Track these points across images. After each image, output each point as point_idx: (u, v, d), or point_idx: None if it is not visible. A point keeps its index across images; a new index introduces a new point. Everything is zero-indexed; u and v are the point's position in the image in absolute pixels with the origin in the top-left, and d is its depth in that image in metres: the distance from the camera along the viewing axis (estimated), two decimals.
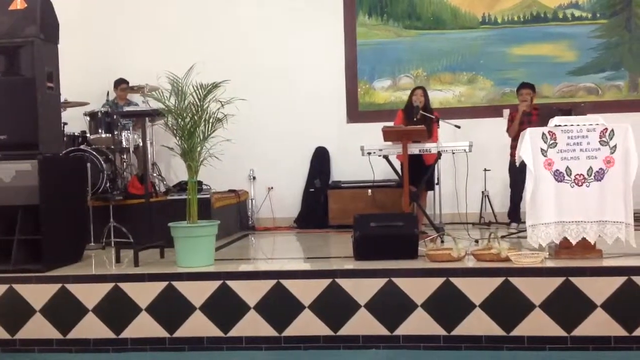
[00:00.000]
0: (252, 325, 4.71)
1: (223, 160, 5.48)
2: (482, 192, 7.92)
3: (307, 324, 4.67)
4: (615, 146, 4.86)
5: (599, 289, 4.48)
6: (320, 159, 8.55)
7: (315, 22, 8.49)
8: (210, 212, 6.71)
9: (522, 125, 7.06)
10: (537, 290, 4.52)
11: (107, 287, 4.83)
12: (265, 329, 4.70)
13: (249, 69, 8.30)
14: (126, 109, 7.39)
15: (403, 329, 4.62)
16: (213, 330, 4.73)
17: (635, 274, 4.47)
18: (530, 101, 7.18)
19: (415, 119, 6.84)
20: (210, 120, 5.23)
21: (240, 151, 7.60)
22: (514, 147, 7.29)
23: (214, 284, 4.77)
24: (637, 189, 4.94)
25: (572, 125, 4.95)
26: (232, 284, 4.76)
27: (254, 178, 8.56)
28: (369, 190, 7.85)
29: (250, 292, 4.74)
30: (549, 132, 4.95)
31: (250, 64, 8.39)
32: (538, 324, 4.49)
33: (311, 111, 8.43)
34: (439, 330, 4.59)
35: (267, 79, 8.40)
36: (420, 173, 6.64)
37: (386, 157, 6.66)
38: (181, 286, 4.78)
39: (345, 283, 4.70)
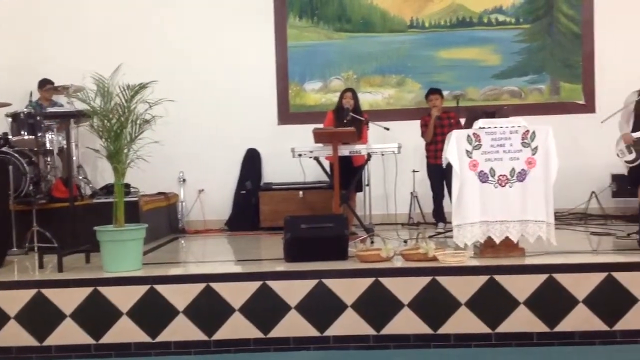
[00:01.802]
0: (181, 329, 4.65)
1: (152, 163, 5.40)
2: (411, 193, 8.04)
3: (237, 327, 4.65)
4: (536, 148, 5.03)
5: (521, 287, 4.62)
6: (252, 161, 8.51)
7: (245, 24, 8.45)
8: (138, 216, 6.58)
9: (437, 129, 7.28)
10: (462, 288, 4.63)
11: (30, 293, 4.69)
12: (194, 334, 4.65)
13: (178, 70, 8.18)
14: (50, 110, 7.18)
15: (333, 330, 4.65)
16: (141, 336, 4.65)
17: (556, 272, 4.63)
18: (438, 106, 7.44)
19: (345, 121, 6.90)
20: (138, 122, 5.15)
21: (170, 153, 7.48)
22: (430, 151, 7.53)
23: (142, 289, 4.69)
24: (557, 189, 5.11)
25: (495, 127, 5.09)
26: (160, 288, 4.69)
27: (184, 180, 8.46)
28: (300, 192, 7.88)
29: (180, 296, 4.69)
30: (474, 134, 5.07)
31: (179, 64, 8.27)
32: (464, 321, 4.60)
33: (242, 113, 8.37)
34: (369, 330, 4.64)
35: (197, 80, 8.30)
36: (350, 174, 6.70)
37: (317, 159, 6.69)
38: (107, 291, 4.69)
39: (275, 285, 4.70)
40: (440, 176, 7.36)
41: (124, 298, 4.68)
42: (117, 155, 5.09)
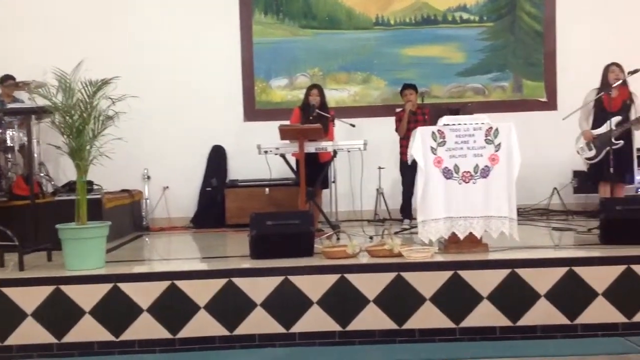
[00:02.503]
0: (145, 328, 4.60)
1: (115, 160, 5.33)
2: (377, 189, 8.09)
3: (202, 325, 4.62)
4: (499, 144, 5.09)
5: (485, 282, 4.68)
6: (217, 158, 8.47)
7: (211, 19, 8.39)
8: (101, 213, 6.49)
9: (410, 124, 7.29)
10: (427, 284, 4.67)
11: None
12: (159, 332, 4.61)
13: (142, 65, 8.08)
14: (11, 106, 7.05)
15: (299, 326, 4.65)
16: (104, 335, 4.59)
17: (518, 267, 4.70)
18: (413, 101, 7.44)
19: (311, 118, 6.91)
20: (100, 118, 5.08)
21: (134, 150, 7.42)
22: (403, 146, 7.53)
23: (105, 287, 4.63)
24: (519, 185, 5.18)
25: (459, 124, 5.14)
26: (124, 286, 4.64)
27: (149, 177, 8.37)
28: (266, 189, 7.86)
29: (143, 295, 4.64)
30: (439, 130, 5.12)
31: (143, 60, 8.17)
32: (428, 316, 4.64)
33: (207, 109, 8.32)
34: (334, 326, 4.65)
35: (161, 76, 8.21)
36: (316, 171, 6.71)
37: (282, 156, 6.69)
38: (70, 290, 4.62)
39: (241, 282, 4.69)
40: (412, 173, 7.38)
41: (86, 296, 4.62)
42: (80, 152, 5.02)
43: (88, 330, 4.59)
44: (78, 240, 4.89)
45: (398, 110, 7.62)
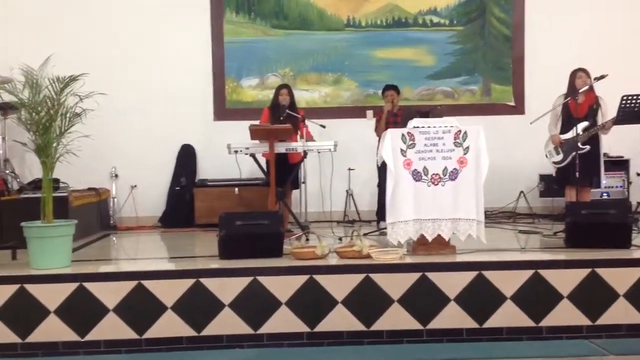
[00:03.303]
0: (111, 328, 4.56)
1: (82, 157, 5.28)
2: (347, 190, 8.11)
3: (169, 325, 4.59)
4: (468, 147, 5.14)
5: (452, 284, 4.72)
6: (187, 157, 8.40)
7: (182, 18, 8.31)
8: (67, 211, 6.39)
9: (389, 125, 7.29)
10: (395, 285, 4.70)
11: None
12: (125, 332, 4.56)
13: (111, 62, 8.00)
14: None
15: (267, 327, 4.64)
16: (69, 335, 4.54)
17: (485, 269, 4.75)
18: (395, 102, 7.43)
19: (281, 118, 6.89)
20: (68, 115, 5.02)
21: (102, 148, 7.33)
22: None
23: (71, 286, 4.58)
24: (487, 188, 5.24)
25: (429, 127, 5.18)
26: (89, 285, 4.59)
27: (116, 176, 8.27)
28: (236, 189, 7.82)
29: (110, 294, 4.60)
30: (408, 133, 5.15)
31: (112, 57, 8.08)
32: (396, 318, 4.67)
33: (177, 108, 8.24)
34: (303, 327, 4.65)
35: (130, 74, 8.12)
36: (286, 172, 6.70)
37: (253, 156, 6.66)
38: (34, 289, 4.55)
39: (209, 283, 4.66)
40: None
41: (51, 296, 4.56)
42: (46, 149, 4.95)
43: (53, 330, 4.53)
44: (43, 238, 4.83)
45: (376, 110, 7.62)
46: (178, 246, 6.52)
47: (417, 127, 5.17)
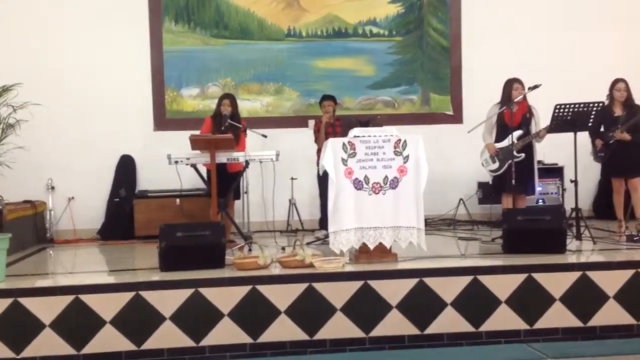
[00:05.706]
0: (48, 344, 4.45)
1: (16, 169, 5.18)
2: (289, 200, 8.11)
3: (108, 340, 4.51)
4: (408, 156, 5.21)
5: (394, 291, 4.77)
6: (126, 168, 8.26)
7: (119, 26, 8.18)
8: (1, 225, 6.22)
9: (328, 135, 7.32)
10: (338, 294, 4.72)
11: None
12: (62, 348, 4.46)
13: (46, 72, 7.80)
14: None
15: (210, 339, 4.61)
16: (4, 352, 4.42)
17: (426, 276, 4.83)
18: (333, 112, 7.47)
19: (223, 128, 6.85)
20: (1, 126, 4.89)
21: (37, 159, 7.16)
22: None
23: (5, 302, 4.46)
24: (427, 196, 5.32)
25: (369, 136, 5.23)
26: (25, 301, 4.47)
27: (53, 188, 8.06)
28: (177, 200, 7.70)
29: (46, 309, 4.48)
30: (349, 142, 5.19)
31: (47, 66, 7.89)
32: (339, 326, 4.69)
33: (116, 118, 8.10)
34: (246, 338, 4.64)
35: (67, 83, 7.95)
36: (227, 182, 6.65)
37: (194, 166, 6.59)
38: None
39: (149, 295, 4.60)
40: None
41: None
42: None
43: None
44: None
45: (315, 120, 7.65)
46: (117, 259, 6.38)
47: (358, 136, 5.22)
